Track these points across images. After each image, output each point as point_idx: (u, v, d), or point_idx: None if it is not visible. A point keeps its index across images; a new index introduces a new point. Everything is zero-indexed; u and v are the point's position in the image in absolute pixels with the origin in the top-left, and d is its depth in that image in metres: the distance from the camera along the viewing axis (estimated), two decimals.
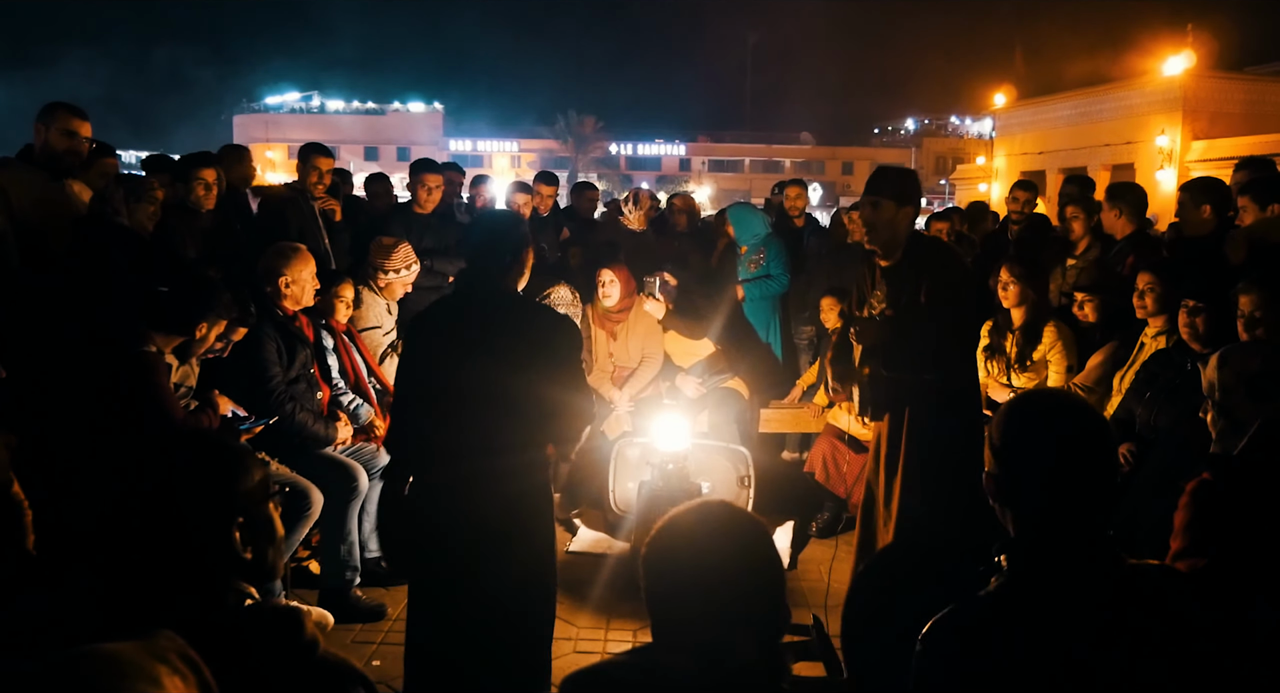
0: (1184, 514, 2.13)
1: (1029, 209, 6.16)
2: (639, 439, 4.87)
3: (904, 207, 3.47)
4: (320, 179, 5.22)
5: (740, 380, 5.45)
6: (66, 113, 3.81)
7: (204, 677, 0.95)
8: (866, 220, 3.53)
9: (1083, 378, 4.30)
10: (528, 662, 2.88)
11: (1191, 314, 3.54)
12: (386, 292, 4.78)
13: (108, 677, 0.84)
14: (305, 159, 5.26)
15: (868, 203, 3.50)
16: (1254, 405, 2.30)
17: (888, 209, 3.46)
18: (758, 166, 57.19)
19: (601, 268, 5.32)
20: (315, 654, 1.41)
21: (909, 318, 3.46)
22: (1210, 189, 4.51)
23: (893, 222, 3.48)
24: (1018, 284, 4.46)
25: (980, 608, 1.57)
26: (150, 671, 0.88)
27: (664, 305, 5.34)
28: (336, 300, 4.39)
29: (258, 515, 1.58)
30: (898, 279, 3.53)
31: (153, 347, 3.40)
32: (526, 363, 2.75)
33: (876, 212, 3.48)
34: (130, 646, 0.91)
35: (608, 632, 3.81)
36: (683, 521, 1.60)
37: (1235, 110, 21.83)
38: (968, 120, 54.60)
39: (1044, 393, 1.83)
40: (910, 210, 3.51)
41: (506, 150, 54.88)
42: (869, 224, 3.53)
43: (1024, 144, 27.27)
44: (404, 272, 4.76)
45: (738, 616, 1.50)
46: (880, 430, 3.69)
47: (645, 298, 5.33)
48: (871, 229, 3.52)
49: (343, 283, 4.47)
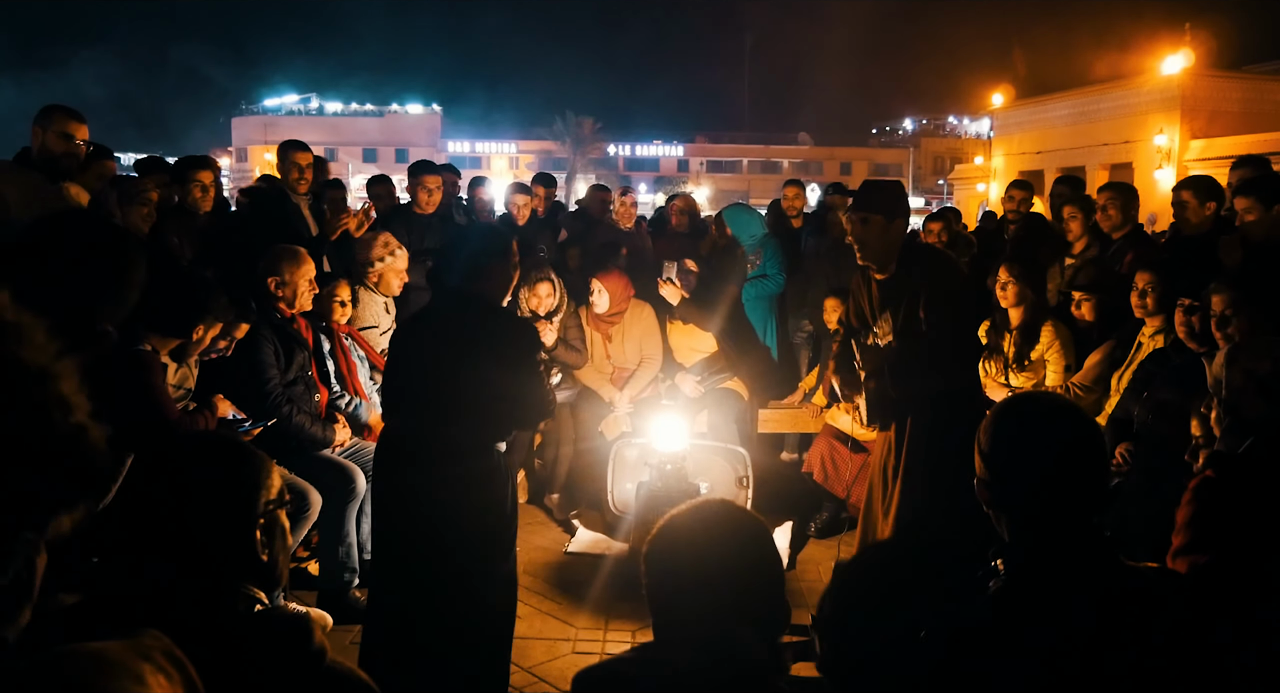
0: (1186, 511, 2.13)
1: (1025, 208, 6.17)
2: (637, 440, 4.87)
3: (894, 221, 3.44)
4: (301, 175, 5.15)
5: (739, 381, 5.44)
6: (64, 115, 3.81)
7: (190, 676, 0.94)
8: (857, 237, 3.48)
9: (1080, 377, 4.30)
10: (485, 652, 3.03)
11: (1187, 313, 3.54)
12: (382, 285, 4.77)
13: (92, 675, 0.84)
14: (284, 156, 5.21)
15: (857, 220, 3.45)
16: (1265, 405, 2.29)
17: (877, 224, 3.42)
18: (756, 167, 57.21)
19: (592, 277, 5.35)
20: (324, 663, 1.40)
21: (907, 330, 3.44)
22: (1214, 188, 4.52)
23: (883, 236, 3.44)
24: (1016, 284, 4.46)
25: (978, 612, 1.57)
26: (135, 669, 0.87)
27: (680, 292, 5.34)
28: (333, 301, 4.40)
29: (276, 521, 1.58)
30: (895, 292, 3.50)
31: (148, 346, 3.40)
32: (479, 365, 2.94)
33: (866, 228, 3.44)
34: (116, 645, 0.90)
35: (606, 632, 3.81)
36: (683, 518, 1.61)
37: (1233, 109, 21.86)
38: (966, 120, 54.62)
39: (1029, 397, 1.84)
40: (900, 223, 3.48)
41: (504, 152, 54.87)
42: (860, 240, 3.47)
43: (1022, 144, 27.30)
44: (387, 258, 4.73)
45: (739, 612, 1.50)
46: (881, 434, 3.68)
47: (663, 283, 5.32)
48: (863, 245, 3.47)
49: (338, 283, 4.47)
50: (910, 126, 61.30)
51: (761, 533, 1.61)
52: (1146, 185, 18.50)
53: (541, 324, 4.73)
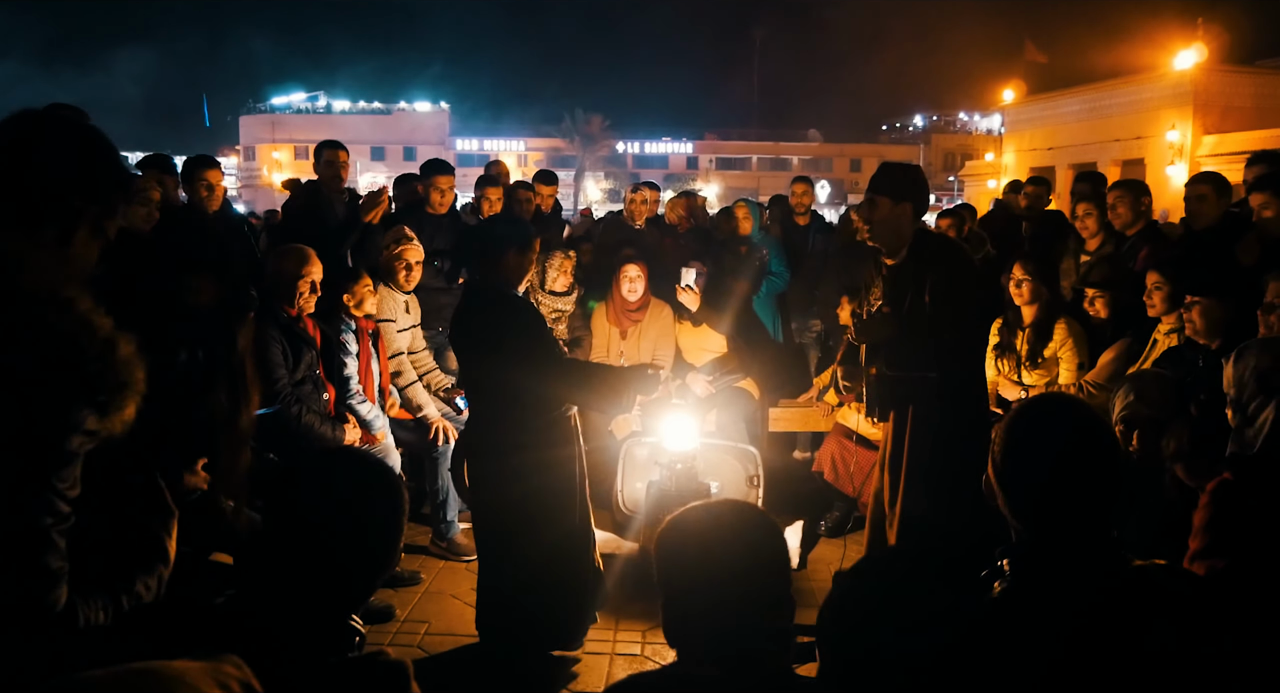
0: (1203, 514, 2.10)
1: (1041, 205, 6.12)
2: (647, 439, 4.85)
3: (900, 202, 3.44)
4: (336, 173, 5.39)
5: (751, 381, 5.42)
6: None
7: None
8: (865, 218, 3.55)
9: (1094, 375, 4.25)
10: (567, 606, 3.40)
11: (1188, 309, 3.52)
12: (399, 279, 4.77)
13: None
14: (319, 154, 5.48)
15: (866, 201, 3.52)
16: (1263, 398, 2.28)
17: (883, 206, 3.45)
18: (765, 164, 57.07)
19: (628, 263, 5.32)
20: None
21: (912, 316, 3.43)
22: (1227, 184, 4.49)
23: (890, 219, 3.45)
24: (1031, 281, 4.42)
25: (983, 612, 1.55)
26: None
27: (698, 297, 5.32)
28: (354, 294, 4.37)
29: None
30: (903, 278, 3.50)
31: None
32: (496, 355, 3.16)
33: (873, 209, 3.47)
34: (196, 666, 0.93)
35: (616, 632, 3.79)
36: (689, 516, 1.61)
37: (1246, 104, 21.69)
38: (976, 116, 54.39)
39: (1046, 398, 1.82)
40: (908, 206, 3.46)
41: (513, 149, 54.79)
42: (868, 222, 3.54)
43: (1033, 140, 27.15)
44: (393, 245, 4.76)
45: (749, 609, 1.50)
46: (886, 431, 3.67)
47: (681, 289, 5.30)
48: (871, 226, 3.53)
49: (361, 278, 4.44)
50: (920, 123, 61.10)
51: (768, 528, 1.61)
52: (1158, 181, 18.40)
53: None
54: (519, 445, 3.23)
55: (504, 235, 3.25)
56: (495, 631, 3.46)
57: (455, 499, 4.60)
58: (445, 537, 4.60)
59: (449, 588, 4.26)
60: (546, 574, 3.25)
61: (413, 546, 4.72)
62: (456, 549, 4.54)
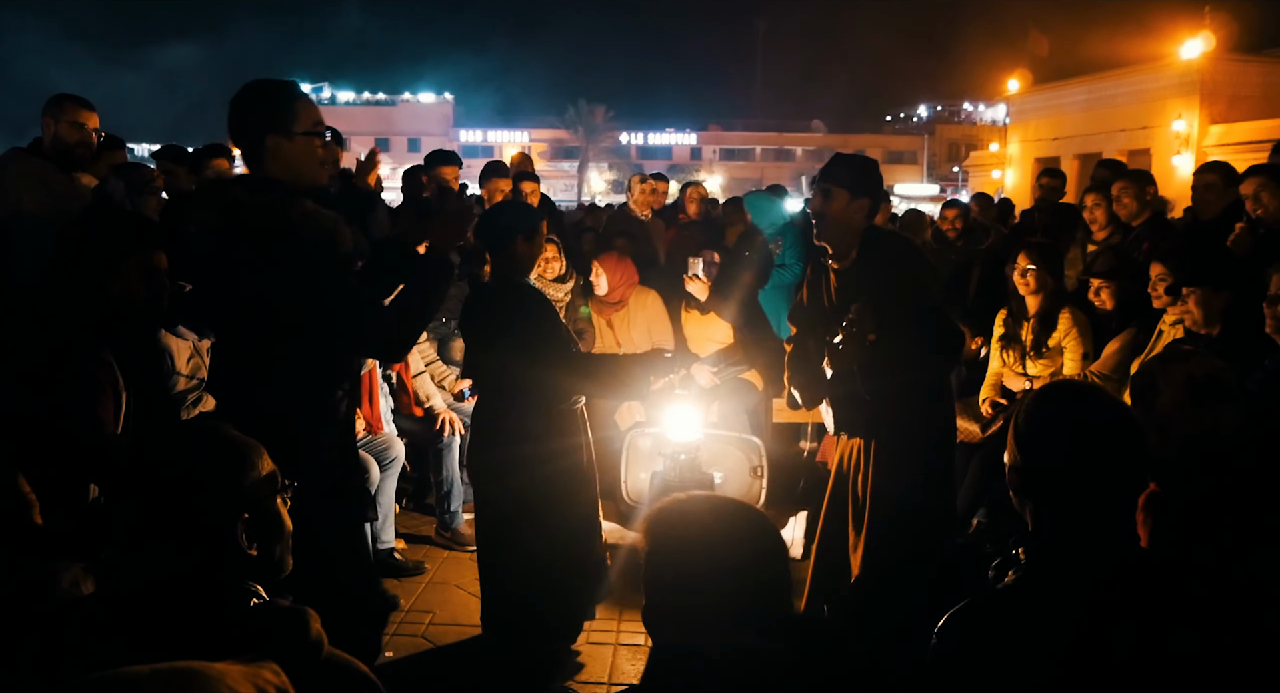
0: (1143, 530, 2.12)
1: (1055, 197, 6.10)
2: (651, 429, 4.84)
3: (858, 198, 3.10)
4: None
5: (756, 372, 5.41)
6: (74, 105, 3.79)
7: None
8: (815, 210, 3.17)
9: (1099, 366, 4.24)
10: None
11: (1185, 299, 3.51)
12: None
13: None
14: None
15: (819, 191, 3.16)
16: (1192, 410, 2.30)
17: (839, 198, 3.10)
18: (769, 155, 56.93)
19: (595, 259, 5.37)
20: (320, 655, 1.39)
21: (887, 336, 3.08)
22: (1235, 174, 4.46)
23: (845, 215, 3.11)
24: (1037, 271, 4.39)
25: (997, 602, 1.55)
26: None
27: (707, 287, 5.30)
28: None
29: (265, 511, 1.55)
30: (854, 283, 3.20)
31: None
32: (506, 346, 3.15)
33: (826, 201, 3.12)
34: (236, 669, 0.97)
35: (620, 622, 3.80)
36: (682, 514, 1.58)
37: (1254, 93, 21.51)
38: (981, 106, 54.20)
39: (1069, 384, 1.81)
40: (865, 202, 3.13)
41: (517, 141, 54.67)
42: (818, 215, 3.16)
43: (1038, 130, 27.03)
44: None
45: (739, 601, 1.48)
46: (845, 448, 3.41)
47: (689, 279, 5.30)
48: (820, 220, 3.15)
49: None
50: (925, 113, 60.88)
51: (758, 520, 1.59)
52: (1164, 172, 18.30)
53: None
54: (528, 435, 3.21)
55: (511, 224, 3.23)
56: (499, 621, 3.46)
57: (460, 490, 4.62)
58: (450, 527, 4.61)
59: (453, 578, 4.27)
60: (551, 566, 3.24)
61: (417, 536, 4.73)
62: (461, 540, 4.55)
